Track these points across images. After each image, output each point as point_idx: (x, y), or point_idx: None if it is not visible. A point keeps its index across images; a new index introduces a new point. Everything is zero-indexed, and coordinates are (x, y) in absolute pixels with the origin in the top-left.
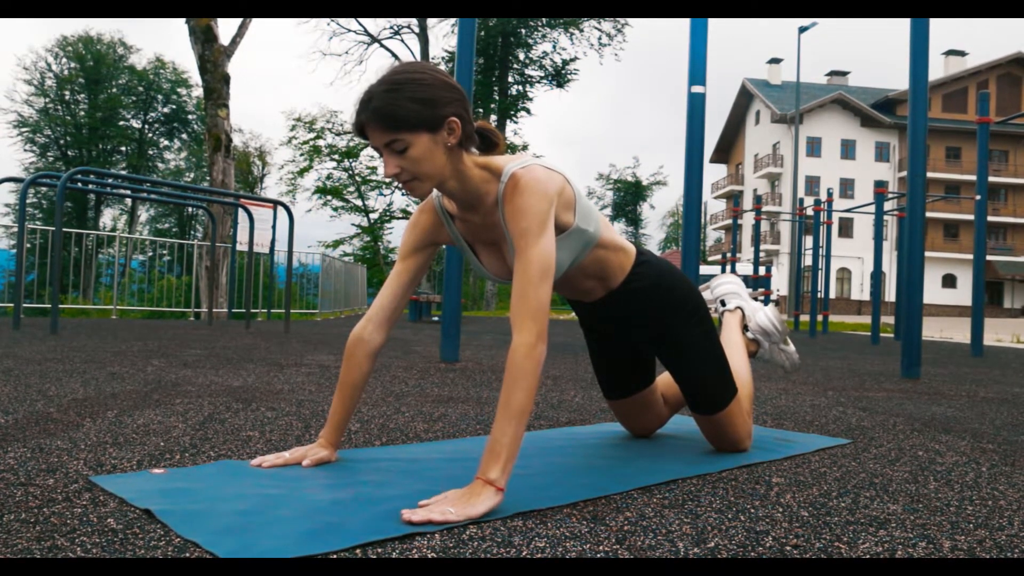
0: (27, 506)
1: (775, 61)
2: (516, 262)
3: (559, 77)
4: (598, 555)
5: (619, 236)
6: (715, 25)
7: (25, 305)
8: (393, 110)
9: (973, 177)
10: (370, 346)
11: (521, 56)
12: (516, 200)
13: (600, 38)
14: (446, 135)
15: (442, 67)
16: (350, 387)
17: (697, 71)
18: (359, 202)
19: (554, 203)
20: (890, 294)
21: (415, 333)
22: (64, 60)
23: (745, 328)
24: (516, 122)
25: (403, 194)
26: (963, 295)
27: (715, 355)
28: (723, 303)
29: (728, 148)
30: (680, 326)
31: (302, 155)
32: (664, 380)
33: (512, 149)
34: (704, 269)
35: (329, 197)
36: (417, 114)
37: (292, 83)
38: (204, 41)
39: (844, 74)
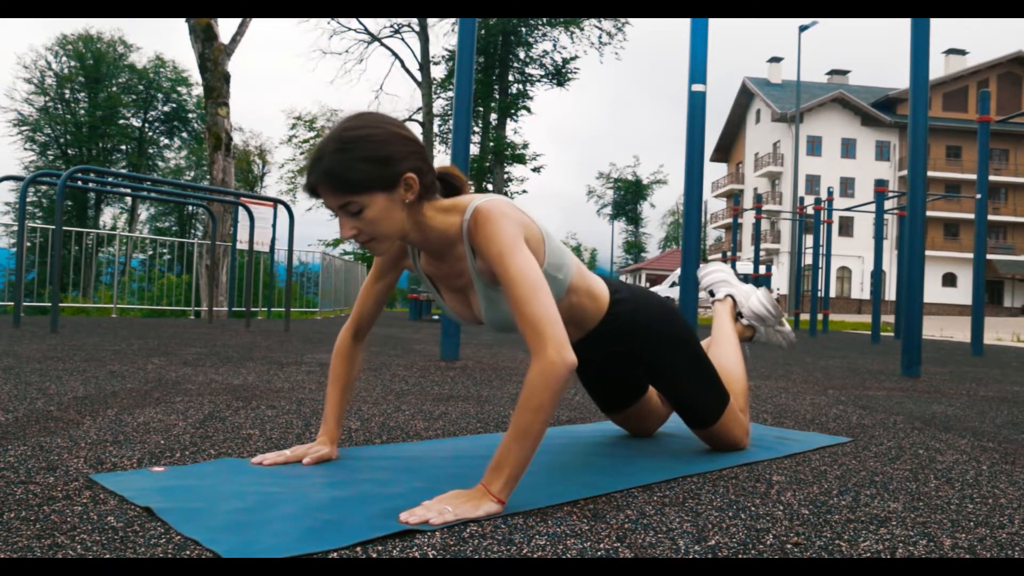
0: (27, 504)
1: (775, 60)
2: (504, 289)
3: (559, 76)
4: (599, 553)
5: (593, 279)
6: (716, 24)
7: (25, 303)
8: (344, 172)
9: (973, 176)
10: (360, 346)
11: (521, 55)
12: (482, 231)
13: (600, 37)
14: (403, 192)
15: (442, 66)
16: (345, 382)
17: (697, 70)
18: None
19: (522, 227)
20: (890, 293)
21: (415, 332)
22: (64, 58)
23: (739, 315)
24: (516, 121)
25: None
26: (963, 294)
27: (702, 374)
28: (712, 293)
29: (728, 147)
30: (663, 356)
31: (302, 154)
32: None
33: (513, 147)
34: None
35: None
36: (370, 174)
37: (292, 81)
38: (204, 39)
39: (844, 73)
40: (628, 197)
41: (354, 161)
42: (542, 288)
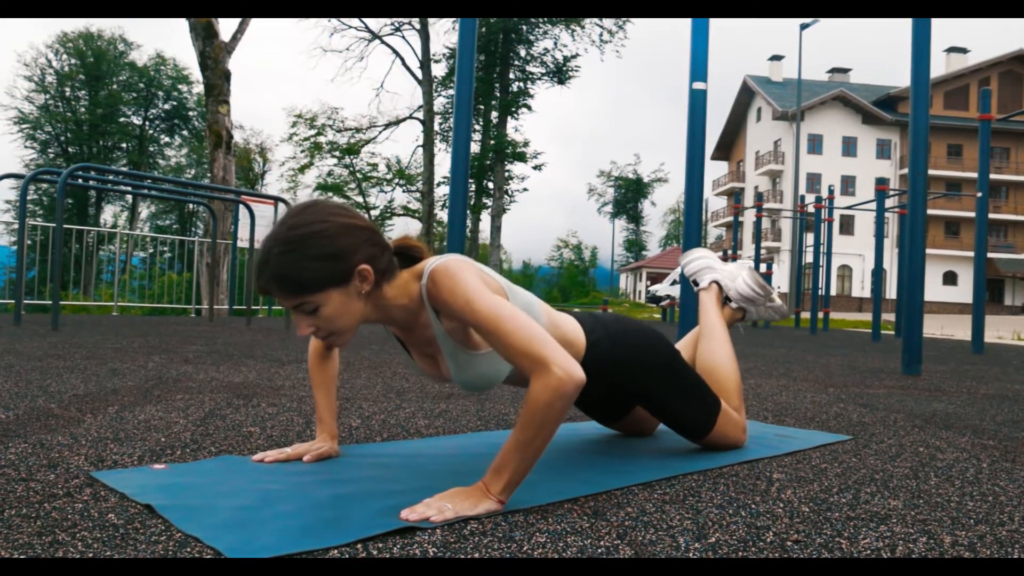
0: (28, 501)
1: (776, 58)
2: (483, 335)
3: (560, 74)
4: (599, 551)
5: (566, 325)
6: (716, 22)
7: (26, 301)
8: (294, 273)
9: (974, 174)
10: (333, 352)
11: (522, 53)
12: (444, 289)
13: (601, 35)
14: (358, 284)
15: (443, 64)
16: (328, 383)
17: (698, 68)
18: (360, 199)
19: (481, 279)
20: (891, 291)
21: None
22: (65, 56)
23: (727, 299)
24: (517, 119)
25: (404, 191)
26: (964, 292)
27: (689, 392)
28: (696, 283)
29: (729, 145)
30: (646, 385)
31: (303, 152)
32: None
33: (514, 146)
34: None
35: (330, 194)
36: (321, 273)
37: (293, 79)
38: (205, 37)
39: (845, 71)
40: (629, 195)
41: (303, 260)
42: (520, 316)
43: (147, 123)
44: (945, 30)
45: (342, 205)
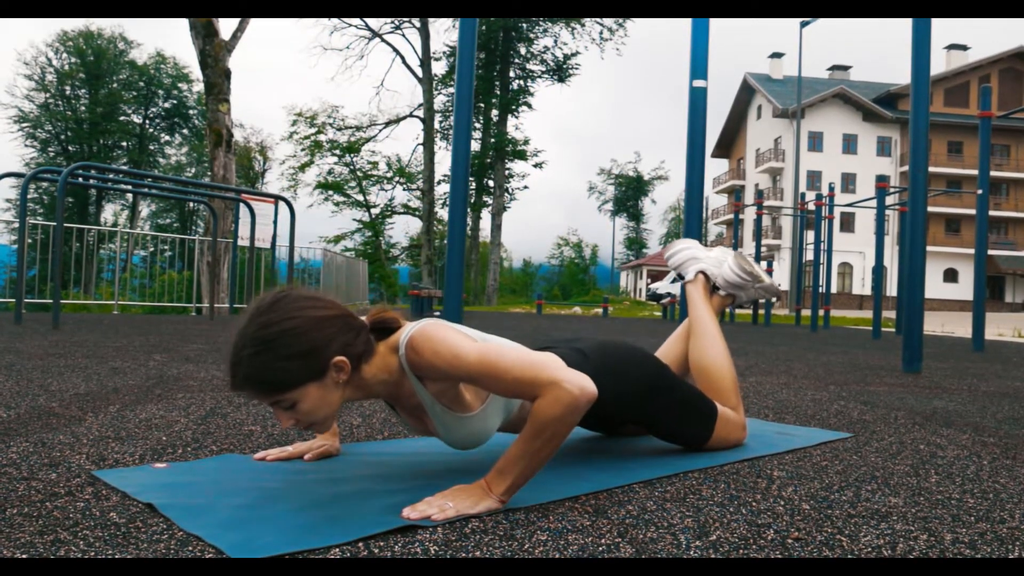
0: (30, 500)
1: (777, 56)
2: (480, 382)
3: (560, 72)
4: (600, 549)
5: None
6: (717, 20)
7: (27, 300)
8: (268, 375)
9: (975, 171)
10: None
11: (522, 51)
12: (426, 353)
13: (601, 33)
14: (335, 375)
15: (443, 62)
16: None
17: (699, 66)
18: (360, 197)
19: (456, 329)
20: (891, 289)
21: None
22: (65, 55)
23: (715, 288)
24: (517, 117)
25: (404, 190)
26: (964, 289)
27: (681, 408)
28: (681, 276)
29: (730, 143)
30: (637, 410)
31: (303, 150)
32: None
33: (514, 144)
34: None
35: (330, 192)
36: (297, 371)
37: (293, 78)
38: (205, 36)
39: (846, 68)
40: (629, 193)
41: (275, 361)
42: (511, 351)
43: (147, 122)
44: (945, 27)
45: (312, 295)
